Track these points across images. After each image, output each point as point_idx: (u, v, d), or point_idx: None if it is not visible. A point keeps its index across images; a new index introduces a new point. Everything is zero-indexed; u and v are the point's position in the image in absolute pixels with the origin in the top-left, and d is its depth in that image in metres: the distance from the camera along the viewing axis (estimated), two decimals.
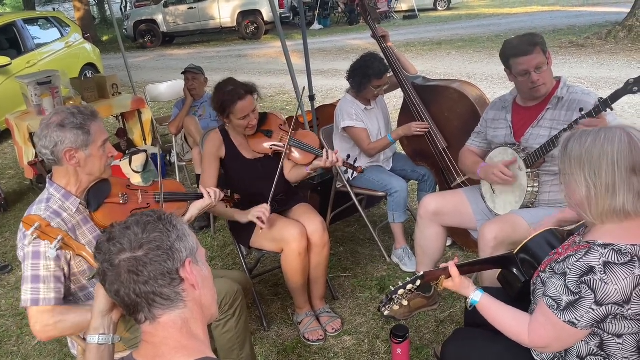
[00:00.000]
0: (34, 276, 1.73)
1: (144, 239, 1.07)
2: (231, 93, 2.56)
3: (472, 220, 2.61)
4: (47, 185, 1.89)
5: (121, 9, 27.93)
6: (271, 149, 2.72)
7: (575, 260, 1.39)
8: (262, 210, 2.50)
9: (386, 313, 1.80)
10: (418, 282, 1.72)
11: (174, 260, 1.08)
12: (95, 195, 1.90)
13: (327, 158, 2.57)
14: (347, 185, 3.37)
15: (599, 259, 1.35)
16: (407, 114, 3.32)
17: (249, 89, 2.60)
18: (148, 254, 1.06)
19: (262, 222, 2.49)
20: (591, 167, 1.37)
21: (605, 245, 1.38)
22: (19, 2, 27.97)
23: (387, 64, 3.21)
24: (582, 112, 2.10)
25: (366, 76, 3.16)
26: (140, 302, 1.07)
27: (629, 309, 1.34)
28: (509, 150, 2.43)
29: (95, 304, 1.34)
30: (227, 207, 2.52)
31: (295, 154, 2.73)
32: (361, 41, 13.29)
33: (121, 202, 1.97)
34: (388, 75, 3.22)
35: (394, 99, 6.41)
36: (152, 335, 1.10)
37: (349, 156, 2.72)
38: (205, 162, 2.73)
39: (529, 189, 2.35)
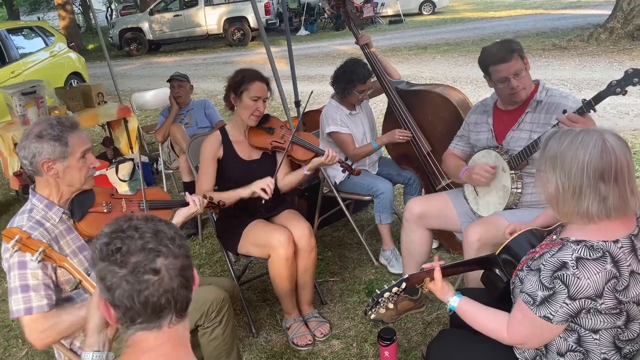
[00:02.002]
0: (23, 285, 1.72)
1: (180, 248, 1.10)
2: (254, 72, 2.68)
3: (457, 222, 2.64)
4: (29, 195, 1.89)
5: (107, 17, 27.86)
6: (271, 144, 2.75)
7: (549, 256, 1.42)
8: (267, 183, 2.55)
9: (372, 316, 1.82)
10: (403, 285, 1.75)
11: None
12: (79, 205, 1.90)
13: (328, 154, 2.65)
14: (334, 190, 3.39)
15: (572, 254, 1.39)
16: (391, 119, 3.36)
17: (267, 80, 2.71)
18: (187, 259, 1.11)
19: (266, 193, 2.53)
20: (562, 169, 1.41)
21: (577, 242, 1.41)
22: (2, 12, 27.79)
23: (371, 69, 3.25)
24: (566, 115, 2.12)
25: (350, 81, 3.19)
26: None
27: (602, 303, 1.38)
28: (492, 153, 2.46)
29: (90, 320, 1.33)
30: (212, 214, 2.54)
31: (296, 150, 2.76)
32: (347, 46, 13.36)
33: (105, 211, 1.97)
34: (372, 80, 3.26)
35: (380, 104, 6.45)
36: (138, 343, 1.08)
37: (346, 158, 2.78)
38: (202, 165, 2.74)
39: (513, 190, 2.38)
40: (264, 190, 2.54)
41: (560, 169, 1.41)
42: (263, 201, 2.59)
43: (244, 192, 2.62)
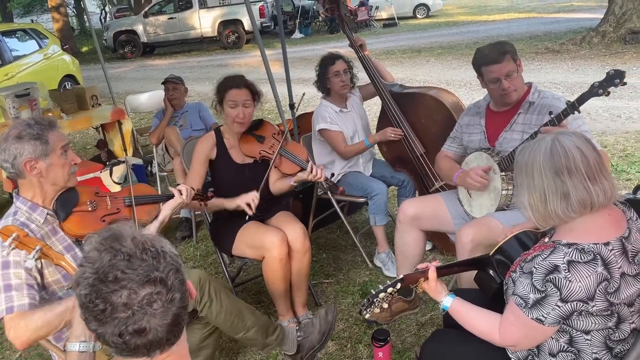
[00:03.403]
0: (5, 285, 1.72)
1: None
2: (231, 80, 2.69)
3: (450, 223, 2.66)
4: (14, 199, 1.89)
5: (100, 20, 27.82)
6: (260, 154, 2.75)
7: (541, 259, 1.44)
8: (252, 197, 2.56)
9: (367, 316, 1.83)
10: (398, 285, 1.76)
11: None
12: (63, 205, 1.90)
13: (312, 172, 2.63)
14: (328, 192, 3.39)
15: (563, 257, 1.40)
16: (385, 121, 3.38)
17: (248, 84, 2.69)
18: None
19: (251, 208, 2.54)
20: (528, 177, 1.47)
21: (569, 245, 1.43)
22: None
23: (339, 55, 3.38)
24: (551, 116, 2.16)
25: (323, 71, 3.34)
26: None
27: (593, 306, 1.39)
28: (484, 155, 2.48)
29: (76, 311, 1.33)
30: (200, 205, 2.55)
31: (282, 163, 2.77)
32: (342, 49, 13.21)
33: (90, 209, 1.97)
34: (344, 61, 3.36)
35: (374, 106, 6.46)
36: None
37: (332, 175, 2.79)
38: (193, 162, 2.75)
39: (504, 192, 2.40)
40: (248, 205, 2.56)
41: (526, 178, 1.47)
42: (247, 217, 2.59)
43: (228, 204, 2.63)
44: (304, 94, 3.37)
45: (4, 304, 1.71)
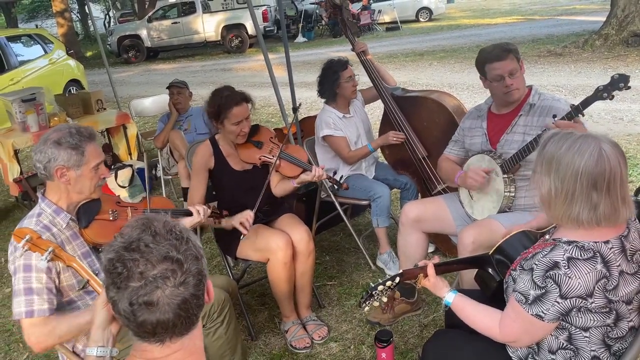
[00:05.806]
0: (26, 288, 1.76)
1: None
2: (228, 98, 2.64)
3: (452, 225, 2.68)
4: (39, 200, 1.92)
5: (105, 25, 27.93)
6: (260, 159, 2.77)
7: (542, 256, 1.46)
8: (245, 217, 2.56)
9: (366, 309, 1.85)
10: (397, 279, 1.79)
11: None
12: (86, 212, 1.93)
13: (314, 173, 2.65)
14: (332, 195, 3.43)
15: (563, 254, 1.43)
16: (387, 125, 3.41)
17: (245, 97, 2.69)
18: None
19: (245, 228, 2.55)
20: (557, 173, 1.44)
21: (569, 242, 1.45)
22: (0, 20, 27.88)
23: (347, 60, 3.38)
24: (556, 119, 2.18)
25: (334, 75, 3.31)
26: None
27: (592, 302, 1.41)
28: (486, 157, 2.51)
29: (96, 317, 1.36)
30: (215, 223, 2.56)
31: (284, 166, 2.79)
32: (344, 53, 13.33)
33: (111, 218, 2.00)
34: (352, 66, 3.36)
35: (377, 110, 6.50)
36: (144, 352, 1.09)
37: (335, 172, 2.80)
38: (193, 175, 2.77)
39: (506, 193, 2.42)
40: (242, 224, 2.55)
41: (554, 173, 1.45)
42: (242, 236, 2.58)
43: (225, 224, 2.63)
44: (300, 104, 3.37)
45: (24, 306, 1.75)
